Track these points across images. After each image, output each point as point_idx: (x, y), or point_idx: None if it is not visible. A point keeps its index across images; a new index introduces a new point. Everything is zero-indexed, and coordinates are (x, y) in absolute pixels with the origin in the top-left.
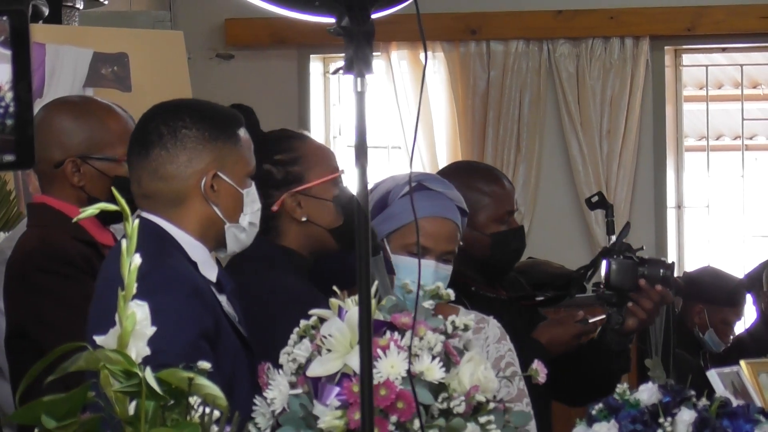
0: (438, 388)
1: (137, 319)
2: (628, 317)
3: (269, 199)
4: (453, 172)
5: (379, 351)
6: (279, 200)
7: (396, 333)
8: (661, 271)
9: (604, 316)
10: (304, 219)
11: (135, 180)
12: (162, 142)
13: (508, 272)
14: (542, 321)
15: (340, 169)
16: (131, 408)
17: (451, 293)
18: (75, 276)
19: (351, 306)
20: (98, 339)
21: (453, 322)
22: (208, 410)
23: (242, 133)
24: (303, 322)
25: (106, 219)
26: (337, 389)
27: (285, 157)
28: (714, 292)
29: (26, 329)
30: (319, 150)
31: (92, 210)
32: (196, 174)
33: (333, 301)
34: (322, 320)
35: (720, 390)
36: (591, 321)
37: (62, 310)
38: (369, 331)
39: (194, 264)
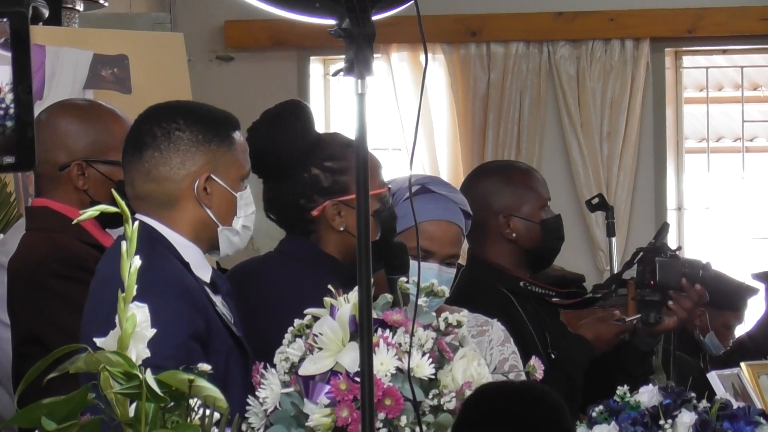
0: (428, 385)
1: (137, 321)
2: (668, 316)
3: (312, 203)
4: (491, 170)
5: None
6: (320, 207)
7: (387, 330)
8: (701, 271)
9: (638, 316)
10: (341, 228)
11: (128, 181)
12: (155, 143)
13: (552, 261)
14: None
15: (387, 185)
16: (131, 410)
17: (446, 290)
18: (87, 280)
19: (343, 304)
20: (98, 341)
21: (446, 319)
22: (208, 412)
23: (237, 135)
24: (297, 322)
25: (105, 222)
26: (327, 387)
27: (335, 165)
28: (716, 296)
29: (39, 335)
30: (373, 165)
31: (92, 212)
32: (189, 176)
33: (326, 299)
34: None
35: (720, 392)
36: (627, 320)
37: (77, 315)
38: (369, 330)
39: (187, 265)
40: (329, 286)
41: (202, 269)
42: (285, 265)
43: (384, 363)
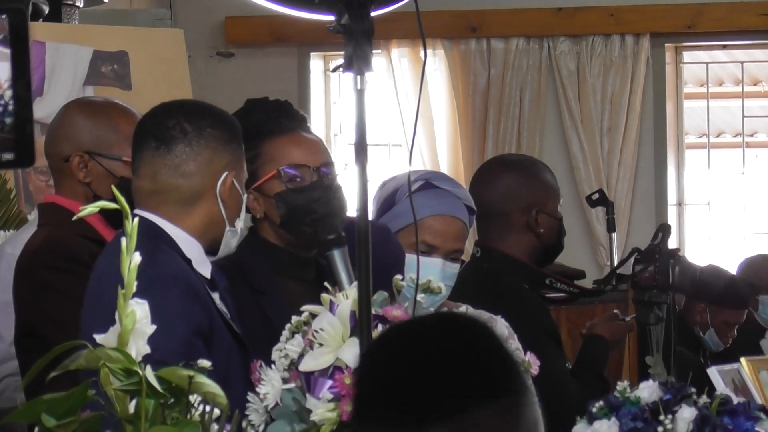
0: None
1: (137, 318)
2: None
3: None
4: (516, 164)
5: None
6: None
7: (387, 326)
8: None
9: (633, 316)
10: (259, 216)
11: (147, 175)
12: (187, 139)
13: (556, 257)
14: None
15: (279, 167)
16: (131, 406)
17: (443, 287)
18: (82, 273)
19: (342, 300)
20: (98, 337)
21: None
22: (208, 408)
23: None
24: (294, 318)
25: (114, 220)
26: (329, 382)
27: (248, 155)
28: (718, 293)
29: (35, 328)
30: (279, 146)
31: (92, 208)
32: (215, 174)
33: (324, 296)
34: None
35: (720, 387)
36: (628, 319)
37: (69, 308)
38: (369, 326)
39: (189, 261)
40: (326, 284)
41: (203, 266)
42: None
43: None
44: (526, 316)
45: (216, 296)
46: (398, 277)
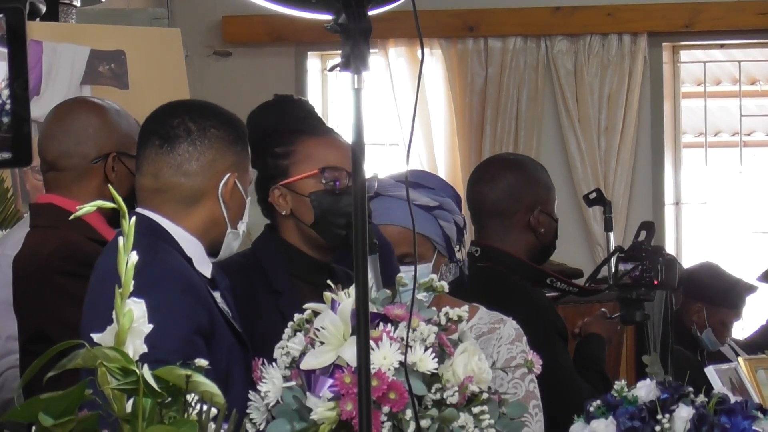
0: (431, 379)
1: (134, 317)
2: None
3: (266, 193)
4: (519, 163)
5: (371, 342)
6: (271, 193)
7: (389, 325)
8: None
9: (618, 314)
10: (284, 213)
11: (150, 173)
12: (190, 138)
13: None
14: None
15: (321, 167)
16: (129, 405)
17: (445, 285)
18: None
19: (344, 299)
20: (95, 336)
21: (447, 314)
22: (205, 407)
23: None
24: (297, 316)
25: (116, 221)
26: (329, 381)
27: (280, 150)
28: (714, 293)
29: (47, 332)
30: (317, 146)
31: (89, 207)
32: (217, 174)
33: (326, 294)
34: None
35: (718, 386)
36: (614, 317)
37: None
38: (366, 325)
39: (189, 260)
40: (328, 281)
41: (203, 265)
42: (241, 261)
43: (387, 357)
44: (536, 315)
45: (217, 295)
46: (401, 275)
